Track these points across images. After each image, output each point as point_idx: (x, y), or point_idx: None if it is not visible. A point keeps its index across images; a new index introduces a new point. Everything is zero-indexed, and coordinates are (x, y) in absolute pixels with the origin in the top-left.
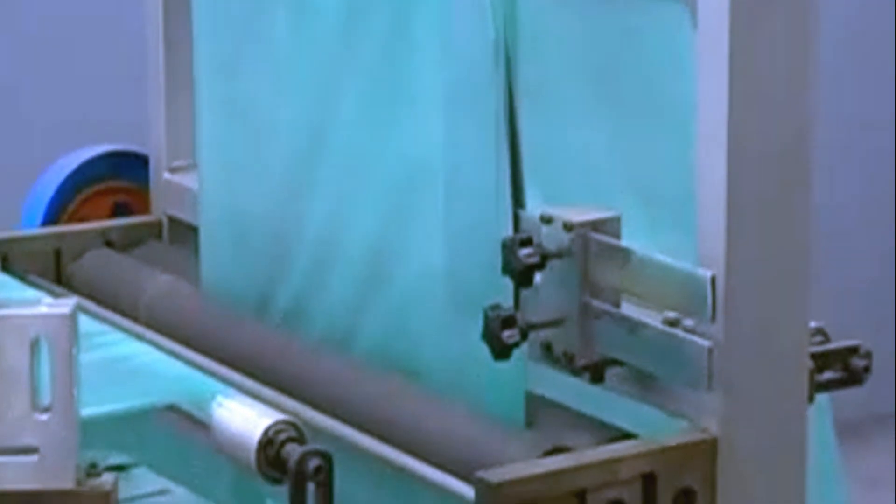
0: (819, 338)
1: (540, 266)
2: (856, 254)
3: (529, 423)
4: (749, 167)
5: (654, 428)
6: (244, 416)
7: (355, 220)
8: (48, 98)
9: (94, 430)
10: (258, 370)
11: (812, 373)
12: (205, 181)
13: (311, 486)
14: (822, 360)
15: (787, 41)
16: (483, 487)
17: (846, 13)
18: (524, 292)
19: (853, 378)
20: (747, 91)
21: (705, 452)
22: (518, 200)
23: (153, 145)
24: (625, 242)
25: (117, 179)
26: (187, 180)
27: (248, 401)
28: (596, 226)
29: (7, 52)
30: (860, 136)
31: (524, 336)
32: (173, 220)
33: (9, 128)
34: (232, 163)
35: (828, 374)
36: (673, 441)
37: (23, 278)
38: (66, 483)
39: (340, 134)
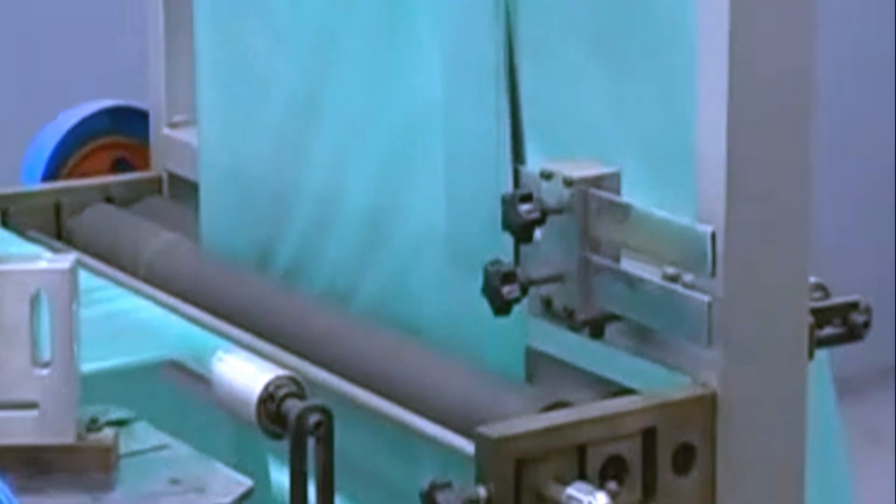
0: (819, 293)
1: (540, 222)
2: (854, 205)
3: (529, 379)
4: (749, 122)
5: (653, 383)
6: (244, 372)
7: (355, 177)
8: (48, 53)
9: (94, 385)
10: (258, 325)
11: (812, 328)
12: (204, 138)
13: (311, 441)
14: (821, 316)
15: None
16: (483, 442)
17: (846, 13)
18: (524, 248)
19: (853, 333)
20: (748, 45)
21: (705, 407)
22: (518, 156)
23: (153, 100)
24: (625, 198)
25: (117, 135)
26: (187, 136)
27: (249, 356)
28: (596, 181)
29: (7, 10)
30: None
31: (524, 291)
32: (173, 176)
33: (8, 83)
34: (231, 119)
35: (828, 330)
36: (673, 396)
37: (22, 234)
38: (67, 438)
39: (339, 90)
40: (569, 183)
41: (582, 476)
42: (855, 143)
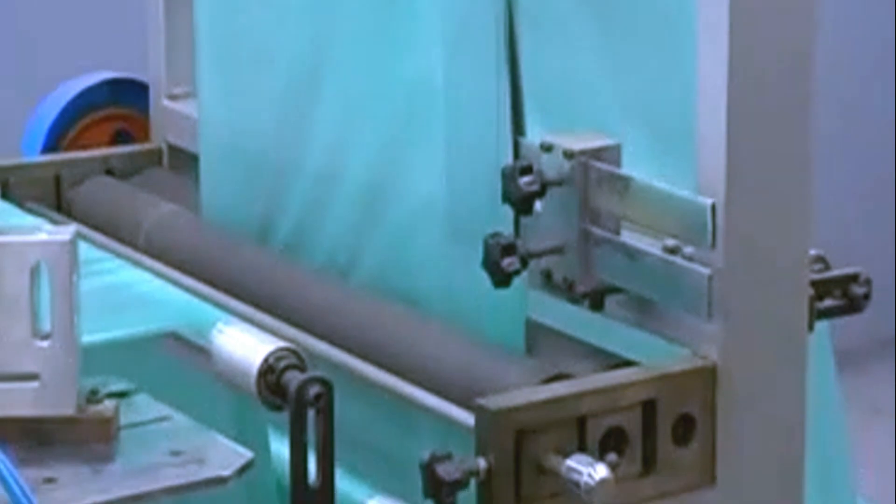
0: (819, 265)
1: (540, 194)
2: (854, 177)
3: (529, 351)
4: (750, 94)
5: (653, 355)
6: (244, 344)
7: (355, 150)
8: (47, 25)
9: (94, 357)
10: (258, 297)
11: (812, 300)
12: (204, 110)
13: (311, 413)
14: (822, 288)
15: None
16: (483, 414)
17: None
18: (524, 220)
19: (853, 305)
20: (748, 15)
21: (705, 379)
22: (518, 128)
23: (153, 72)
24: (625, 170)
25: (117, 107)
26: (187, 108)
27: (249, 328)
28: (596, 154)
29: None
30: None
31: (524, 264)
32: (173, 148)
33: (8, 54)
34: (231, 93)
35: (828, 302)
36: (673, 368)
37: (22, 205)
38: (67, 409)
39: (339, 62)
40: (569, 155)
41: (582, 448)
42: (855, 116)
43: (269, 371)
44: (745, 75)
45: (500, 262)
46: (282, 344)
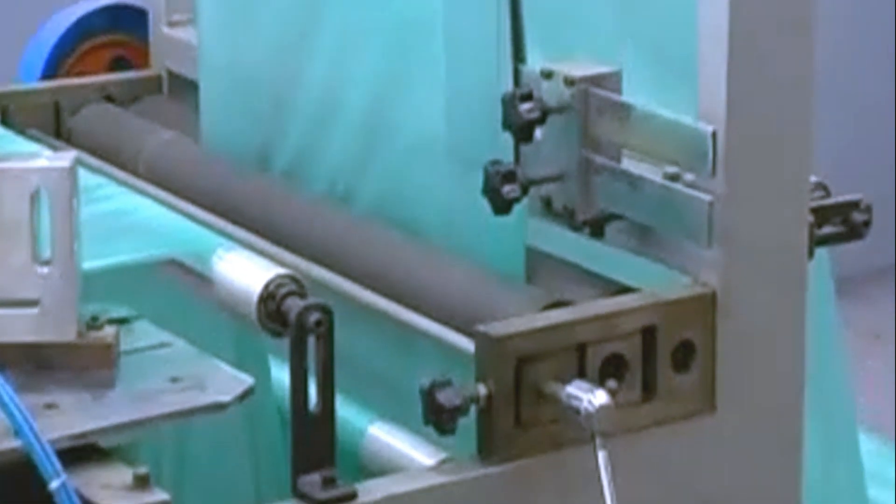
0: (819, 192)
1: (540, 121)
2: (854, 103)
3: (529, 278)
4: (750, 21)
5: (653, 282)
6: (245, 270)
7: (355, 78)
8: None
9: (94, 284)
10: (259, 224)
11: (812, 227)
12: (204, 38)
13: (311, 340)
14: (822, 215)
15: None
16: (484, 341)
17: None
18: (524, 148)
19: (853, 232)
20: None
21: (705, 306)
22: (518, 55)
23: None
24: (626, 97)
25: (116, 33)
26: (187, 34)
27: (249, 255)
28: (597, 80)
29: None
30: None
31: (524, 191)
32: (173, 75)
33: None
34: (231, 20)
35: (828, 229)
36: (673, 295)
37: (22, 132)
38: (68, 335)
39: None
40: (570, 82)
41: (582, 374)
42: (855, 41)
43: (270, 298)
44: (746, 1)
45: (500, 190)
46: (282, 271)
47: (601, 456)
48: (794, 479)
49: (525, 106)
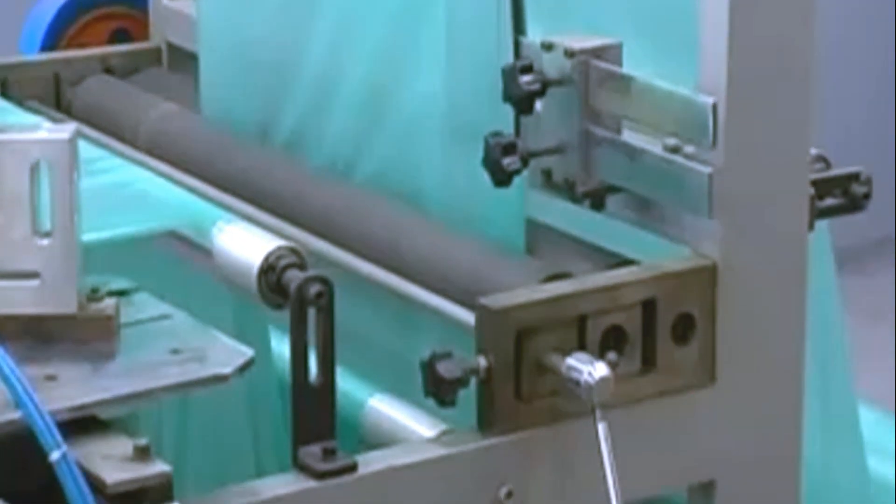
0: (820, 164)
1: (541, 93)
2: (855, 75)
3: (529, 251)
4: None
5: (654, 254)
6: (245, 242)
7: (356, 50)
8: None
9: (94, 256)
10: (259, 196)
11: (812, 199)
12: (204, 9)
13: (311, 312)
14: (822, 187)
15: None
16: (484, 313)
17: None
18: (525, 120)
19: (854, 204)
20: None
21: (705, 279)
22: (519, 27)
23: None
24: (626, 69)
25: (116, 5)
26: (187, 6)
27: (250, 227)
28: (597, 52)
29: None
30: None
31: (525, 163)
32: (173, 47)
33: None
34: None
35: (828, 201)
36: (673, 267)
37: (22, 104)
38: (68, 307)
39: None
40: (570, 54)
41: (582, 346)
42: (856, 13)
43: (270, 270)
44: None
45: (500, 162)
46: (282, 243)
47: (601, 428)
48: (794, 451)
49: (525, 78)
